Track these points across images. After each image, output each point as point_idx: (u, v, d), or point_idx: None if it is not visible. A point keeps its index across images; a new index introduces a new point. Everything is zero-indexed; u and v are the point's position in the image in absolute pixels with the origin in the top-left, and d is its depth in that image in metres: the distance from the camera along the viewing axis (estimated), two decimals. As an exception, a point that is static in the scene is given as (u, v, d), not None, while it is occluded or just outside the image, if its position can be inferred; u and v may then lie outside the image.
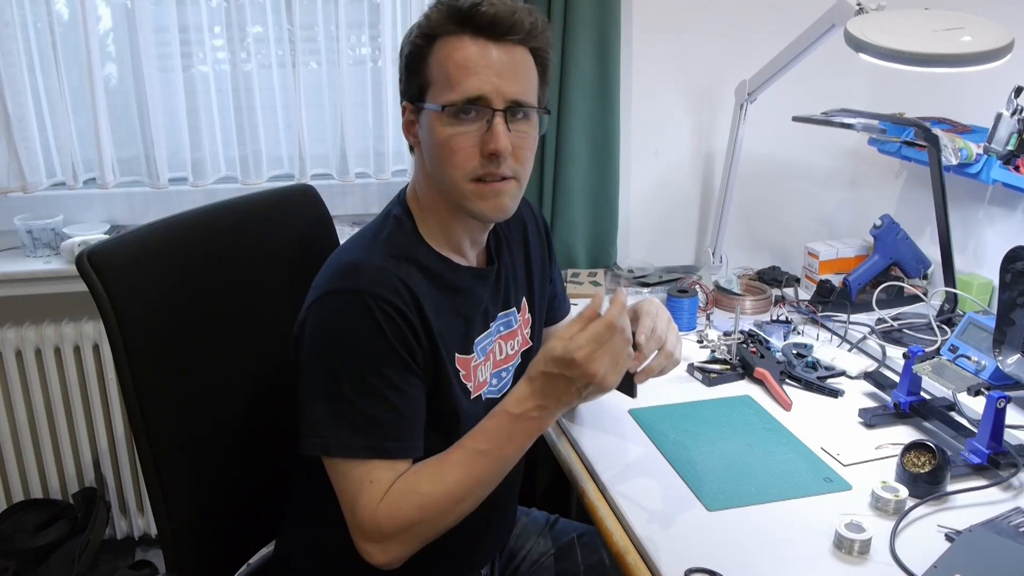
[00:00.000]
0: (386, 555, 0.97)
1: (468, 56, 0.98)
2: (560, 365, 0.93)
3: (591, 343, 0.92)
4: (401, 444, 0.98)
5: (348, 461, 0.97)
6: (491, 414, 0.98)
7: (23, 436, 1.97)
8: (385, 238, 1.04)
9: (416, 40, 1.01)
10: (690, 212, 2.19)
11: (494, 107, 0.98)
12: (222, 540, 1.18)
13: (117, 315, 1.00)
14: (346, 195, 2.00)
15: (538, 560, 1.33)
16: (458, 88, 0.98)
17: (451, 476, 0.97)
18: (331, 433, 0.96)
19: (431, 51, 1.00)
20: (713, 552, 1.01)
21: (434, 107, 1.00)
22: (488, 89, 0.98)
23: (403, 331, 0.97)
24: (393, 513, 0.96)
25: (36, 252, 1.84)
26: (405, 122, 1.06)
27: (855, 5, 1.43)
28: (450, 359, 1.05)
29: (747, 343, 1.57)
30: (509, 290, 1.17)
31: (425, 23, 1.01)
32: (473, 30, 0.98)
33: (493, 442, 0.97)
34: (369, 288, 0.96)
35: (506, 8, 0.98)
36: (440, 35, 0.99)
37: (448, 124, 0.99)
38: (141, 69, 1.79)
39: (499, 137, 0.98)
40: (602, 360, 0.92)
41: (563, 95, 1.89)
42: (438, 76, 1.00)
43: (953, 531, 1.04)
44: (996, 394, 1.14)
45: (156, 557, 2.09)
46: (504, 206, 1.04)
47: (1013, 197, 1.70)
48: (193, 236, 1.15)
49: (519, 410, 0.96)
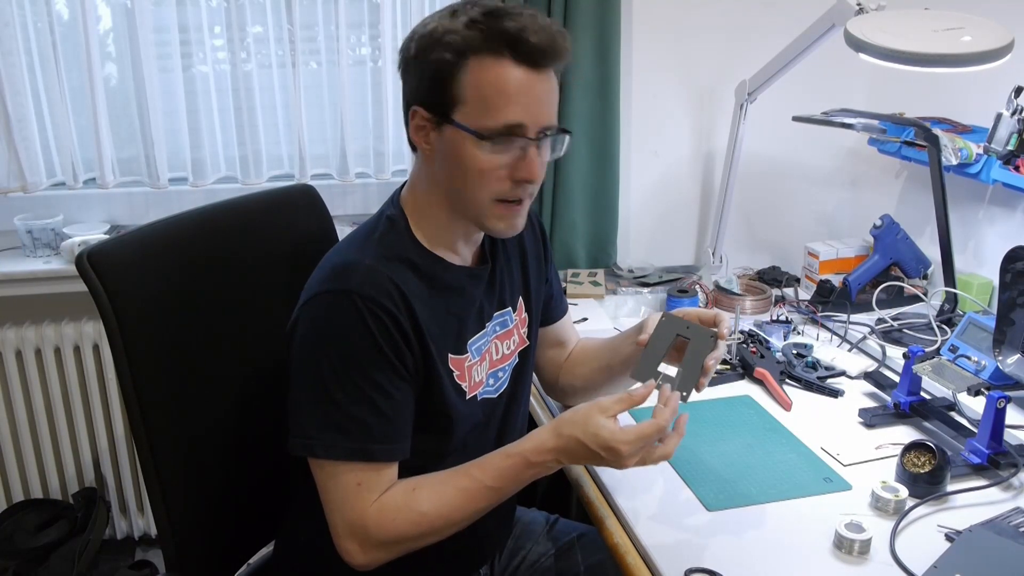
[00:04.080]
0: (366, 558, 0.99)
1: (510, 84, 0.96)
2: (600, 446, 0.96)
3: (638, 441, 0.95)
4: (387, 447, 0.99)
5: (334, 463, 0.97)
6: (506, 454, 1.00)
7: (23, 436, 1.97)
8: (378, 238, 1.04)
9: (445, 55, 0.96)
10: (690, 212, 2.19)
11: (529, 136, 0.98)
12: (222, 540, 1.18)
13: (117, 315, 1.00)
14: (346, 195, 2.01)
15: (538, 560, 1.33)
16: (498, 116, 0.96)
17: (453, 502, 0.99)
18: (317, 434, 0.97)
19: (463, 68, 0.96)
20: (713, 552, 1.02)
21: (467, 129, 0.97)
22: (527, 120, 0.97)
23: (392, 334, 0.97)
24: (385, 524, 0.97)
25: (36, 252, 1.84)
26: (415, 126, 1.02)
27: (855, 5, 1.43)
28: (443, 360, 1.05)
29: (747, 343, 1.57)
30: (504, 290, 1.17)
31: (456, 39, 0.96)
32: (516, 56, 0.96)
33: (503, 481, 1.00)
34: (359, 290, 0.96)
35: (548, 35, 0.96)
36: (475, 53, 0.96)
37: (484, 149, 0.98)
38: (141, 69, 1.79)
39: (534, 166, 0.99)
40: (637, 459, 0.97)
41: (563, 95, 1.89)
42: (473, 97, 0.96)
43: (953, 531, 1.04)
44: (996, 394, 1.15)
45: (156, 557, 2.09)
46: (519, 225, 1.06)
47: (1013, 197, 1.70)
48: (193, 236, 1.15)
49: (537, 459, 0.99)
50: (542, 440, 0.99)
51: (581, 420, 0.97)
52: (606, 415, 0.97)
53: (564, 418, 1.00)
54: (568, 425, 0.98)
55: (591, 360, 1.29)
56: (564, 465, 1.02)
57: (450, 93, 0.98)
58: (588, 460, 0.99)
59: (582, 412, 0.98)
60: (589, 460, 0.98)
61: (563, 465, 1.01)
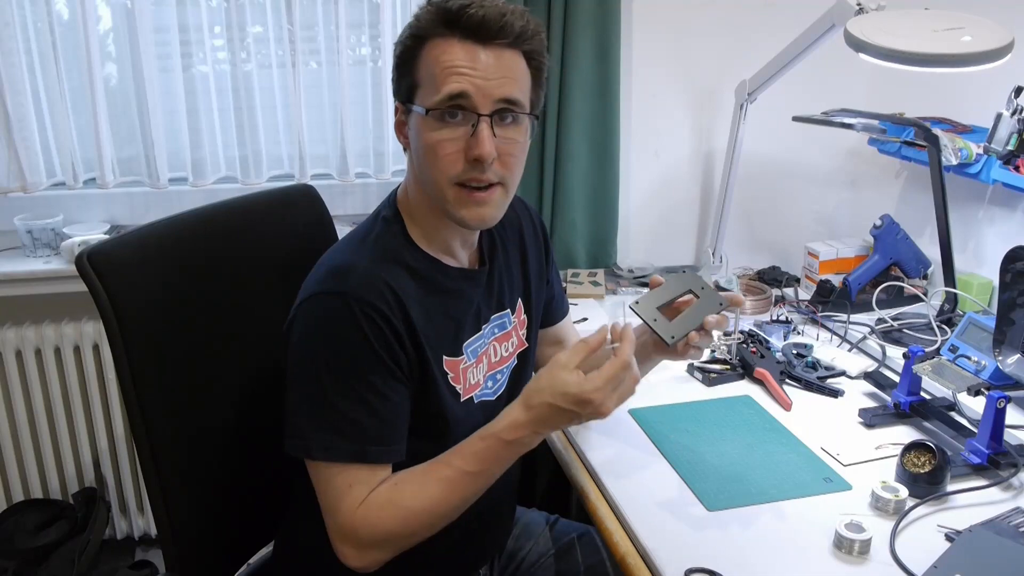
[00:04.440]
0: (362, 560, 0.99)
1: (454, 58, 0.96)
2: (572, 402, 0.94)
3: (608, 384, 0.94)
4: (383, 449, 0.99)
5: (329, 464, 0.98)
6: (480, 436, 0.99)
7: (23, 436, 1.97)
8: (373, 240, 1.04)
9: (406, 40, 1.00)
10: (690, 212, 2.19)
11: (480, 111, 0.97)
12: (222, 540, 1.18)
13: (117, 315, 1.00)
14: (346, 195, 2.01)
15: (538, 560, 1.33)
16: (442, 90, 0.96)
17: (435, 493, 0.98)
18: (313, 435, 0.97)
19: (420, 52, 0.99)
20: (713, 552, 1.01)
21: (420, 109, 0.99)
22: (472, 91, 0.96)
23: (387, 336, 0.97)
24: (372, 522, 0.97)
25: (36, 252, 1.84)
26: (396, 122, 1.06)
27: (855, 5, 1.43)
28: (437, 362, 1.05)
29: (747, 343, 1.57)
30: (503, 291, 1.17)
31: (415, 24, 1.00)
32: (462, 32, 0.97)
33: (482, 464, 0.98)
34: (355, 292, 0.96)
35: (495, 10, 0.97)
36: (430, 36, 0.98)
37: (433, 127, 0.98)
38: (141, 69, 1.79)
39: (483, 142, 0.97)
40: (614, 399, 0.95)
41: (563, 95, 1.89)
42: (425, 78, 0.99)
43: (953, 531, 1.04)
44: (996, 394, 1.15)
45: (156, 557, 2.09)
46: (485, 216, 1.03)
47: (1013, 197, 1.70)
48: (193, 236, 1.15)
49: (513, 436, 0.97)
50: (514, 416, 0.97)
51: (546, 383, 0.95)
52: (568, 369, 0.95)
53: (529, 388, 0.98)
54: (535, 394, 0.96)
55: None
56: (544, 435, 0.99)
57: (411, 79, 1.00)
58: (567, 421, 0.97)
59: (544, 375, 0.96)
60: (568, 421, 0.97)
61: (543, 435, 0.99)
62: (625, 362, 0.94)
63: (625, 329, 0.98)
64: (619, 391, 0.95)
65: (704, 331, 1.06)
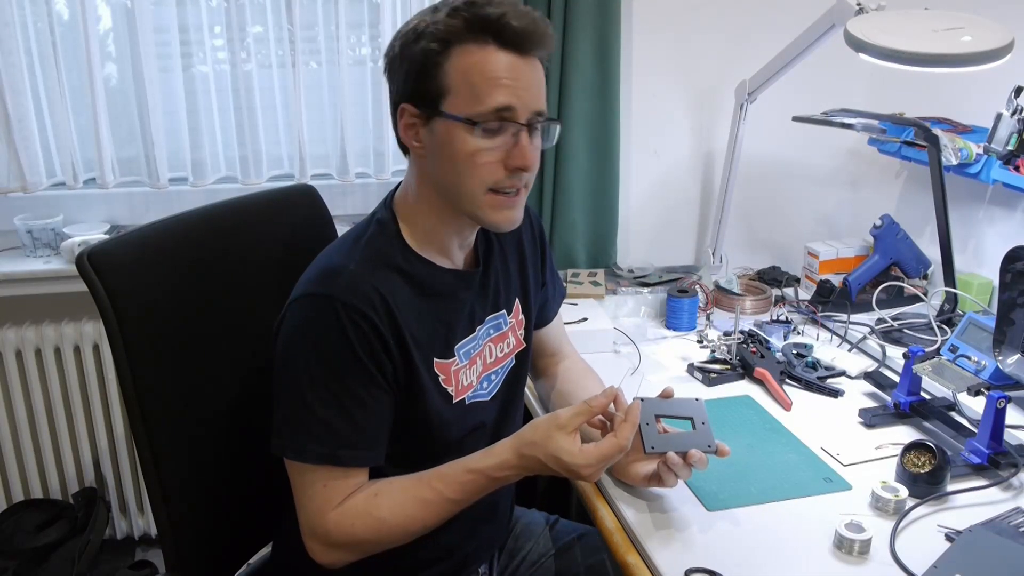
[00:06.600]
0: (328, 557, 1.01)
1: (497, 69, 0.96)
2: (562, 468, 0.98)
3: (600, 462, 0.97)
4: (356, 453, 0.99)
5: (302, 464, 0.99)
6: (468, 469, 1.01)
7: (23, 436, 1.97)
8: (366, 242, 1.04)
9: (431, 44, 0.97)
10: (690, 212, 2.19)
11: (520, 121, 0.98)
12: (222, 540, 1.18)
13: (117, 315, 1.01)
14: (346, 195, 2.01)
15: (538, 560, 1.33)
16: (487, 100, 0.96)
17: (413, 512, 1.00)
18: (289, 435, 0.98)
19: (448, 57, 0.96)
20: (713, 552, 1.02)
21: (457, 117, 0.97)
22: (517, 104, 0.97)
23: (371, 342, 0.97)
24: (345, 528, 0.98)
25: (36, 252, 1.84)
26: (404, 124, 1.03)
27: (855, 5, 1.43)
28: (427, 366, 1.05)
29: (747, 343, 1.57)
30: (499, 292, 1.17)
31: (439, 28, 0.96)
32: (500, 42, 0.96)
33: (464, 495, 1.01)
34: (341, 296, 0.96)
35: (530, 20, 0.96)
36: (460, 42, 0.96)
37: (473, 135, 0.97)
38: (141, 69, 1.79)
39: (527, 152, 0.99)
40: (602, 472, 1.00)
41: (563, 95, 1.89)
42: (461, 85, 0.97)
43: (953, 531, 1.04)
44: (996, 394, 1.15)
45: (156, 557, 2.09)
46: (515, 218, 1.05)
47: (1013, 197, 1.70)
48: (193, 236, 1.15)
49: (499, 475, 1.00)
50: (504, 459, 1.00)
51: (541, 441, 0.98)
52: (566, 432, 0.97)
53: (524, 436, 1.00)
54: (529, 446, 0.99)
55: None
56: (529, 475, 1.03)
57: (437, 84, 0.98)
58: (552, 474, 1.00)
59: (541, 431, 0.99)
60: (553, 474, 1.00)
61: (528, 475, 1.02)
62: (623, 447, 0.98)
63: (631, 411, 1.00)
64: (608, 466, 1.01)
65: (685, 462, 1.06)
